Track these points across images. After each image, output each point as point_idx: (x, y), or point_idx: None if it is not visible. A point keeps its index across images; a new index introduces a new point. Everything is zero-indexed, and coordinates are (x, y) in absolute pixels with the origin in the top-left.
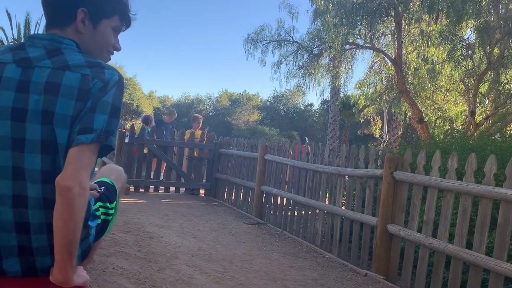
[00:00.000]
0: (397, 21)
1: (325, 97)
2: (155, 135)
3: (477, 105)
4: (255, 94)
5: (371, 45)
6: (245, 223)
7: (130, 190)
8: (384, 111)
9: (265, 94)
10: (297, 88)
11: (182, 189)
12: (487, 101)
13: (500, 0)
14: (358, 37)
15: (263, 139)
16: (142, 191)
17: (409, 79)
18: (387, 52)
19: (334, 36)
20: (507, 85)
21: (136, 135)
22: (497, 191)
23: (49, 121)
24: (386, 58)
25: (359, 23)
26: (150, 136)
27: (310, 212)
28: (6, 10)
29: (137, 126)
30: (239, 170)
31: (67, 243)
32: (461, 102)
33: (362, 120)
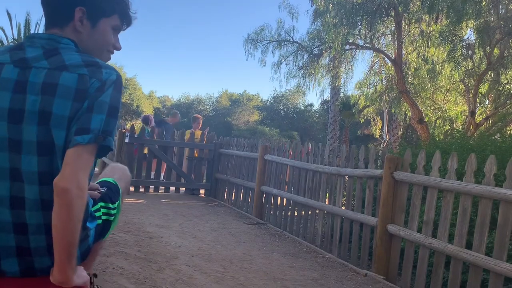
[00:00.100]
0: (397, 21)
1: (325, 97)
2: (156, 134)
3: (477, 106)
4: (255, 94)
5: (371, 45)
6: (245, 223)
7: (130, 190)
8: (384, 112)
9: (265, 94)
10: (297, 88)
11: (182, 189)
12: (487, 101)
13: (500, 1)
14: (358, 37)
15: (263, 139)
16: (142, 191)
17: (409, 79)
18: (387, 52)
19: (334, 36)
20: (507, 86)
21: (136, 135)
22: (497, 191)
23: (46, 122)
24: (386, 58)
25: (359, 23)
26: (150, 136)
27: (310, 212)
28: (7, 10)
29: (137, 126)
30: (239, 170)
31: (66, 244)
32: (461, 103)
33: (362, 120)
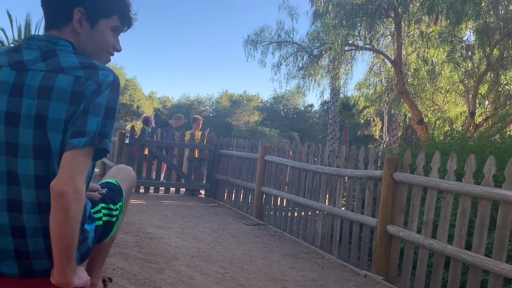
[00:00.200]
0: (397, 22)
1: (325, 98)
2: (157, 134)
3: (477, 106)
4: (255, 95)
5: (371, 46)
6: (245, 224)
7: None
8: (384, 112)
9: (265, 95)
10: (297, 89)
11: (182, 190)
12: (487, 102)
13: (500, 2)
14: (358, 38)
15: (263, 140)
16: (142, 192)
17: (409, 80)
18: (387, 53)
19: (334, 38)
20: (507, 86)
21: (137, 136)
22: (496, 192)
23: (42, 126)
24: (386, 59)
25: (359, 25)
26: (150, 137)
27: (310, 213)
28: (7, 11)
29: (137, 127)
30: (239, 171)
31: (64, 247)
32: (461, 103)
33: (362, 121)
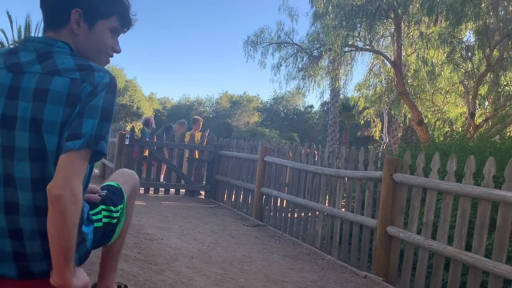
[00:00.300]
0: (397, 23)
1: (325, 99)
2: (158, 134)
3: (477, 107)
4: (255, 96)
5: (371, 47)
6: (245, 225)
7: None
8: (384, 113)
9: (265, 96)
10: (297, 90)
11: (182, 191)
12: (487, 103)
13: (499, 2)
14: (358, 39)
15: (263, 141)
16: (142, 193)
17: (409, 81)
18: (387, 54)
19: (334, 38)
20: (507, 87)
21: (136, 137)
22: (496, 193)
23: (38, 129)
24: (386, 60)
25: (359, 25)
26: (150, 138)
27: (310, 214)
28: (7, 12)
29: (137, 128)
30: (239, 172)
31: (62, 249)
32: (461, 104)
33: (362, 122)
